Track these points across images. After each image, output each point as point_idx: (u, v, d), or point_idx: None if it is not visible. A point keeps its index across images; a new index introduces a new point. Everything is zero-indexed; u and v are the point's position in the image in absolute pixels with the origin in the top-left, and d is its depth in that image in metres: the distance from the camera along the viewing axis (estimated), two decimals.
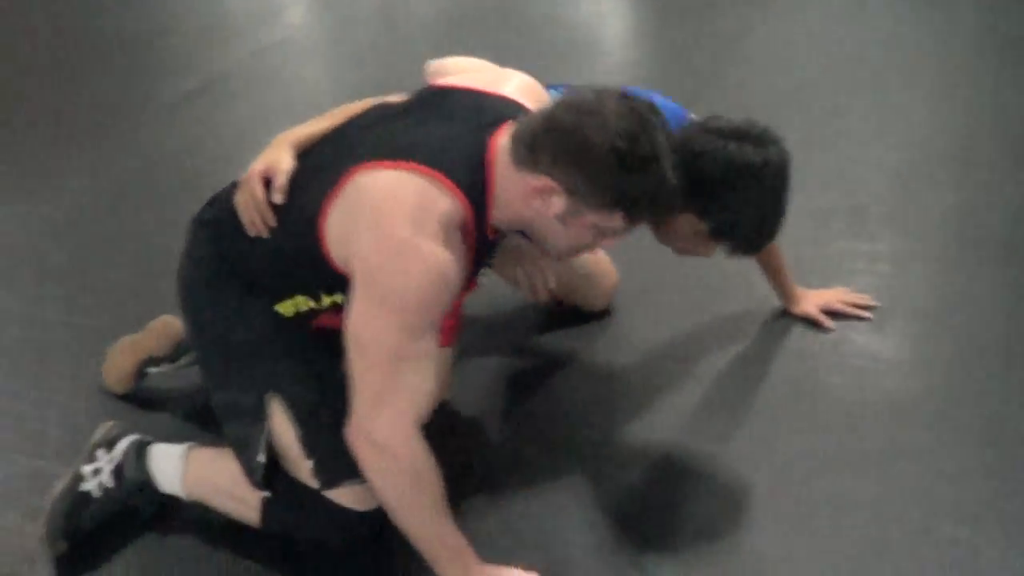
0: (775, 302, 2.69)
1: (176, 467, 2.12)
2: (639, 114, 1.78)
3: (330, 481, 1.96)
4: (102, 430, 2.23)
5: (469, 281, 2.33)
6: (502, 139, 1.88)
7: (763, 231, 2.14)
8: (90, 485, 2.12)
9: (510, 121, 1.91)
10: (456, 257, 1.81)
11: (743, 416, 2.38)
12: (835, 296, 2.67)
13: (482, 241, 1.93)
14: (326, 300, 1.98)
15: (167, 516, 2.18)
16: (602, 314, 2.78)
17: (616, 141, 1.74)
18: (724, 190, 2.05)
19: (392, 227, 1.77)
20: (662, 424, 2.38)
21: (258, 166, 1.98)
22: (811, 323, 2.63)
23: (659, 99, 2.39)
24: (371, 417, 1.79)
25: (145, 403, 2.55)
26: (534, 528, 2.12)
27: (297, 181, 1.95)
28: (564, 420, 2.44)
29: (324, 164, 1.93)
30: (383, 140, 1.92)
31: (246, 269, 2.02)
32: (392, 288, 1.77)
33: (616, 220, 1.84)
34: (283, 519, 2.04)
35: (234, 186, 2.06)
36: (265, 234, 1.96)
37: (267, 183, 1.97)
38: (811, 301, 2.65)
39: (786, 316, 2.67)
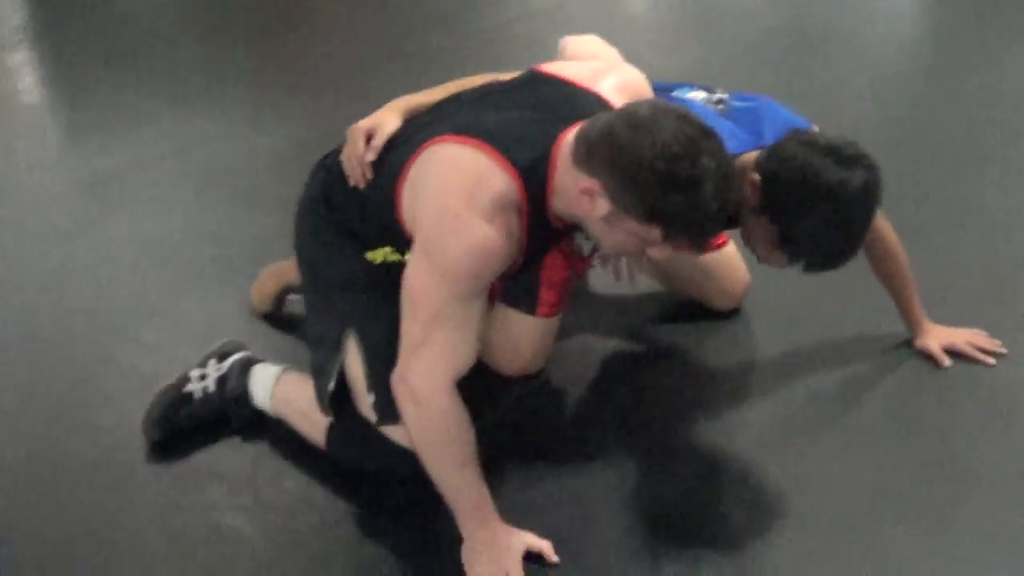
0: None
1: (268, 385, 2.35)
2: (688, 136, 1.80)
3: (386, 417, 2.11)
4: (220, 343, 2.48)
5: (580, 261, 2.43)
6: (570, 135, 1.95)
7: (827, 250, 2.12)
8: (194, 387, 2.38)
9: (586, 119, 1.97)
10: (504, 235, 1.91)
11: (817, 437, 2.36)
12: (964, 337, 2.55)
13: (542, 225, 2.02)
14: (408, 255, 2.12)
15: (253, 429, 2.39)
16: (728, 315, 2.78)
17: (658, 161, 1.78)
18: (795, 199, 2.06)
19: (449, 199, 1.91)
20: (729, 427, 2.41)
21: (364, 124, 2.14)
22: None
23: (787, 114, 2.38)
24: (409, 366, 1.95)
25: (277, 325, 2.78)
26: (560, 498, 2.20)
27: (394, 143, 2.10)
28: (645, 410, 2.49)
29: (416, 131, 2.07)
30: (468, 117, 2.05)
31: (345, 216, 2.19)
32: (441, 254, 1.91)
33: (654, 233, 1.87)
34: (343, 445, 2.23)
35: None
36: (361, 186, 2.13)
37: (369, 140, 2.13)
38: (936, 337, 2.54)
39: (905, 347, 2.59)
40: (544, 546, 2.02)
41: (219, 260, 3.12)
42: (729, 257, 2.72)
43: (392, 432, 2.12)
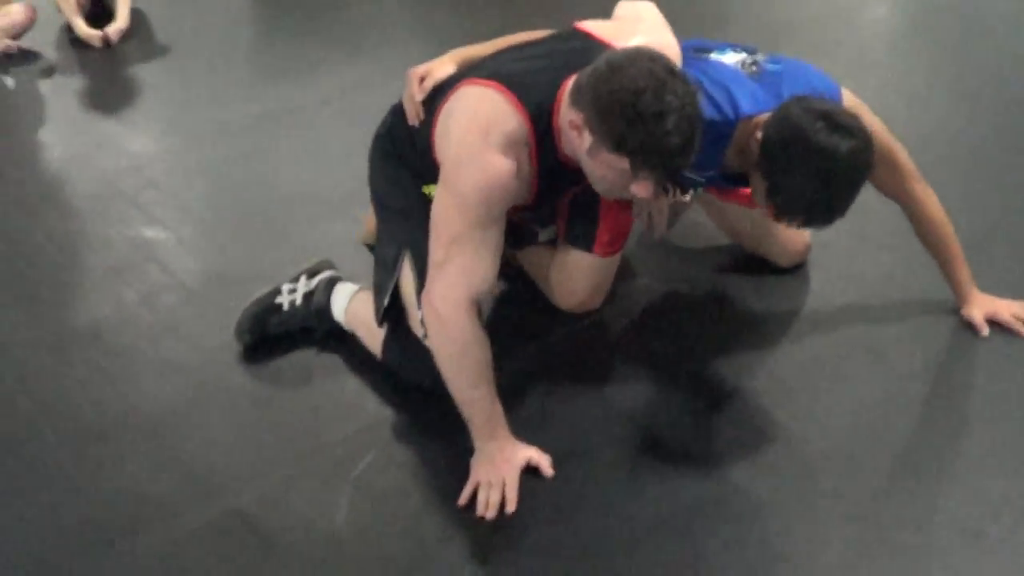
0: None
1: (343, 301, 2.64)
2: (656, 76, 1.98)
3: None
4: (313, 261, 2.79)
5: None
6: (569, 81, 2.16)
7: (808, 207, 2.24)
8: (283, 299, 2.69)
9: None
10: (514, 168, 2.16)
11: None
12: (1009, 308, 2.59)
13: (553, 164, 2.24)
14: None
15: (333, 340, 2.69)
16: (791, 271, 2.91)
17: (625, 94, 1.97)
18: (784, 156, 2.21)
19: (467, 134, 2.17)
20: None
21: (420, 68, 2.40)
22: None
23: (816, 78, 2.47)
24: (431, 287, 2.21)
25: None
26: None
27: (441, 87, 2.35)
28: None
29: (458, 77, 2.31)
30: (498, 65, 2.29)
31: (403, 151, 2.47)
32: (459, 183, 2.17)
33: (623, 164, 2.04)
34: (395, 356, 2.49)
35: None
36: (415, 124, 2.40)
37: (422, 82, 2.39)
38: (981, 306, 2.59)
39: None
40: (543, 462, 2.25)
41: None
42: None
43: None
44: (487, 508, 2.17)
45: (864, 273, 2.87)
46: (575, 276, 2.69)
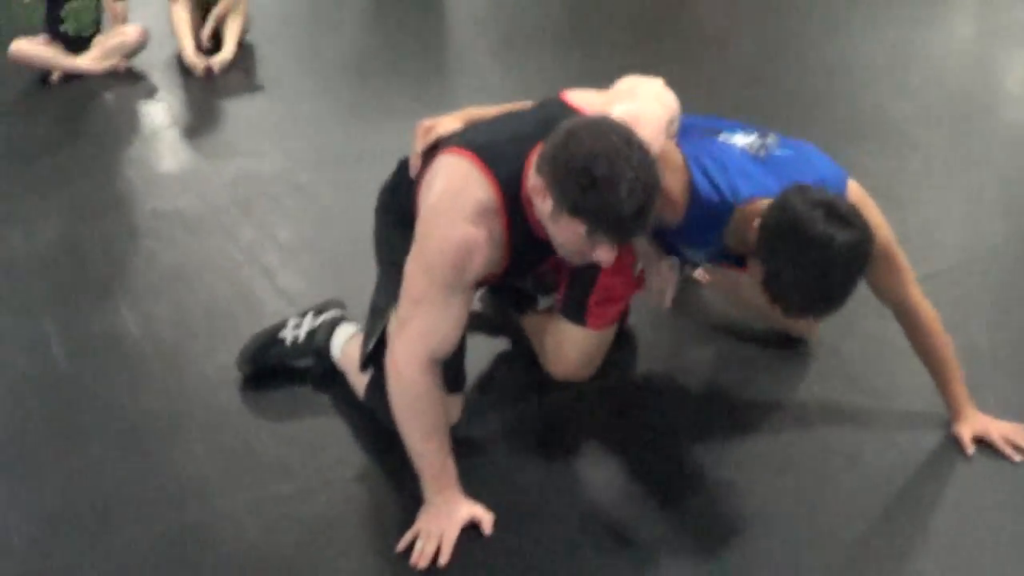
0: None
1: (341, 341, 2.71)
2: (612, 145, 2.02)
3: None
4: (322, 300, 2.86)
5: (633, 282, 2.61)
6: (536, 150, 2.19)
7: (802, 298, 2.22)
8: (287, 333, 2.78)
9: None
10: (484, 236, 2.20)
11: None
12: (1001, 430, 2.49)
13: (525, 232, 2.26)
14: None
15: (327, 381, 2.76)
16: (793, 350, 2.90)
17: (580, 160, 2.02)
18: (780, 245, 2.19)
19: (439, 202, 2.24)
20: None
21: (427, 121, 2.45)
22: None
23: (824, 167, 2.45)
24: (394, 341, 2.28)
25: None
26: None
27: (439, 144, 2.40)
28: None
29: (448, 139, 2.36)
30: (479, 133, 2.34)
31: (402, 203, 2.49)
32: (428, 247, 2.22)
33: (581, 228, 2.07)
34: (376, 399, 2.50)
35: None
36: (413, 176, 2.44)
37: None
38: (971, 425, 2.50)
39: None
40: (486, 520, 2.27)
41: None
42: None
43: None
44: (420, 557, 2.20)
45: (864, 373, 2.81)
46: (566, 346, 2.70)
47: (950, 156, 4.16)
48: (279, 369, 2.78)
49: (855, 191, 2.44)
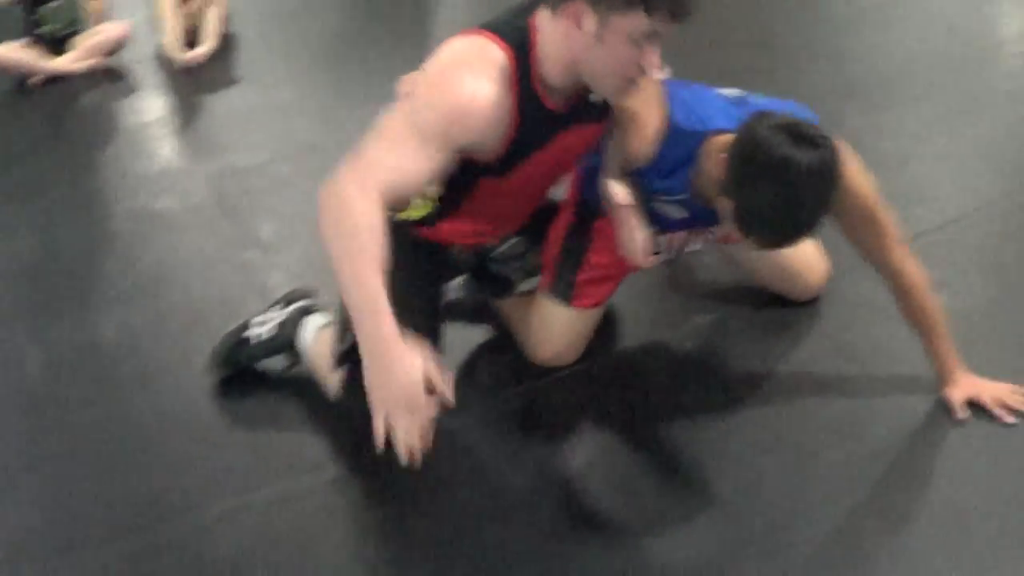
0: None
1: (311, 333, 2.63)
2: None
3: None
4: (288, 289, 2.80)
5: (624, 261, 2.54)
6: (539, 10, 2.12)
7: (773, 225, 2.16)
8: (251, 333, 2.71)
9: None
10: (490, 97, 2.05)
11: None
12: (992, 391, 2.43)
13: (534, 103, 2.15)
14: (428, 191, 2.29)
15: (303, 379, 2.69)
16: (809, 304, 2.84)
17: None
18: (745, 173, 2.14)
19: (446, 62, 2.11)
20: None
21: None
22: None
23: (807, 111, 2.40)
24: (346, 168, 2.02)
25: None
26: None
27: None
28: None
29: None
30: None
31: None
32: (423, 94, 2.08)
33: (639, 18, 1.98)
34: (352, 398, 2.36)
35: None
36: None
37: None
38: (962, 388, 2.44)
39: None
40: (439, 378, 1.99)
41: None
42: (808, 247, 2.76)
43: None
44: (409, 455, 1.95)
45: (851, 340, 2.74)
46: (551, 328, 2.64)
47: (941, 110, 4.05)
48: (252, 370, 2.73)
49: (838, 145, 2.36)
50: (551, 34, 2.09)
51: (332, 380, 2.48)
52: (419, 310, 2.30)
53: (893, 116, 3.98)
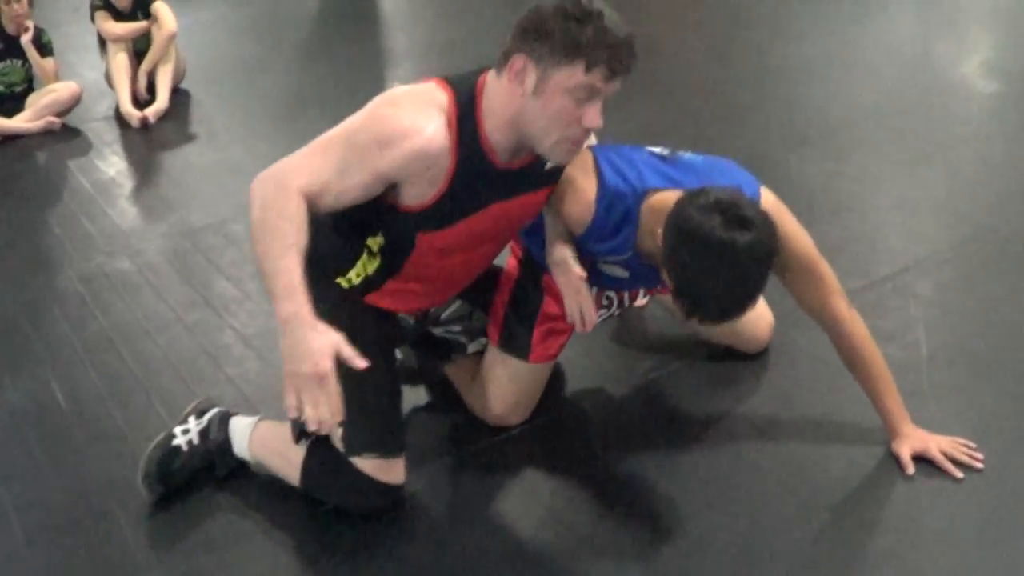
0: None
1: (246, 433, 2.52)
2: None
3: (355, 447, 2.31)
4: (194, 403, 2.68)
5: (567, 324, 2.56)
6: (488, 71, 2.18)
7: (716, 305, 2.18)
8: (180, 440, 2.52)
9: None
10: (431, 128, 2.09)
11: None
12: (941, 444, 2.42)
13: (475, 154, 2.16)
14: (373, 243, 2.30)
15: (238, 478, 2.57)
16: (758, 356, 2.86)
17: (557, 6, 2.04)
18: (684, 255, 2.14)
19: (387, 95, 2.18)
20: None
21: None
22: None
23: (735, 167, 2.44)
24: (281, 162, 2.14)
25: None
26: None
27: None
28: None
29: None
30: None
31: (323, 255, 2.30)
32: (360, 118, 2.15)
33: (579, 72, 2.03)
34: (316, 478, 2.40)
35: None
36: None
37: None
38: (910, 442, 2.43)
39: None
40: (346, 349, 2.01)
41: None
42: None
43: (361, 464, 2.31)
44: (314, 422, 1.99)
45: (801, 392, 2.74)
46: (507, 383, 2.63)
47: (893, 158, 4.12)
48: (187, 479, 2.54)
49: (768, 200, 2.39)
50: (496, 91, 2.12)
51: (291, 465, 2.42)
52: (378, 377, 2.28)
53: (844, 164, 4.04)
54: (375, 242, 2.31)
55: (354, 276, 2.35)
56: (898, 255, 3.36)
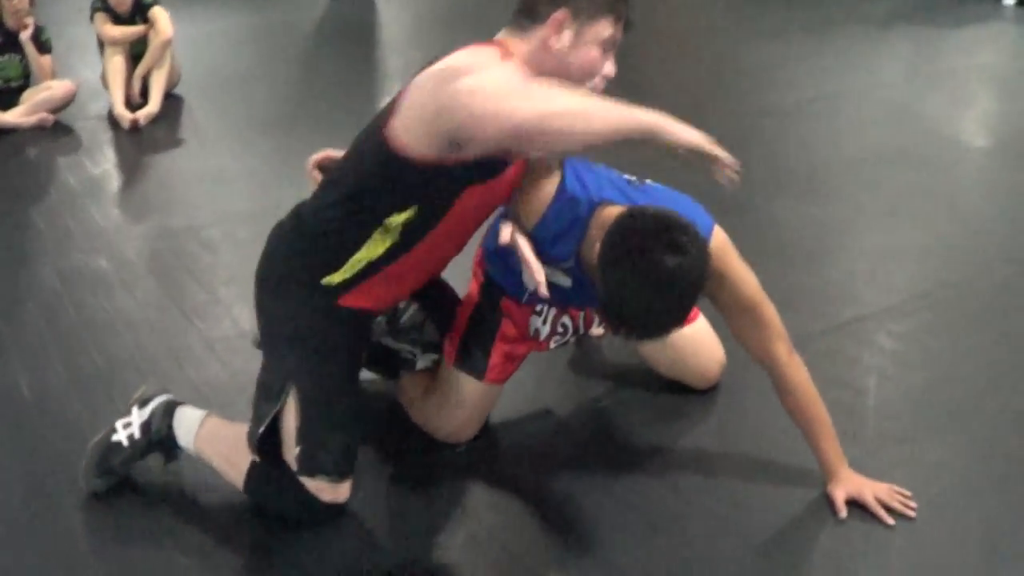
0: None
1: (192, 427, 2.53)
2: None
3: (308, 470, 2.35)
4: (140, 390, 2.69)
5: (535, 342, 2.60)
6: (504, 35, 2.30)
7: (630, 321, 2.22)
8: (120, 436, 2.53)
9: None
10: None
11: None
12: (875, 490, 2.46)
13: None
14: (396, 220, 2.27)
15: (179, 469, 2.62)
16: (707, 392, 2.91)
17: None
18: (615, 265, 2.17)
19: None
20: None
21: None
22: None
23: (692, 203, 2.49)
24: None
25: None
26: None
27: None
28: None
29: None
30: None
31: (315, 248, 2.33)
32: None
33: (611, 24, 2.26)
34: (260, 488, 2.45)
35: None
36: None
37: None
38: (845, 486, 2.46)
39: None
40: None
41: None
42: (703, 337, 2.83)
43: (309, 483, 2.35)
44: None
45: (746, 433, 2.78)
46: (460, 402, 2.67)
47: (869, 205, 4.18)
48: (130, 475, 2.59)
49: (719, 238, 2.44)
50: (522, 49, 2.26)
51: (234, 469, 2.46)
52: (347, 398, 2.37)
53: (819, 211, 4.10)
54: (399, 218, 2.28)
55: (348, 269, 2.33)
56: (861, 303, 3.41)
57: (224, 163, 4.74)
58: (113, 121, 5.20)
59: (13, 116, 5.14)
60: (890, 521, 2.41)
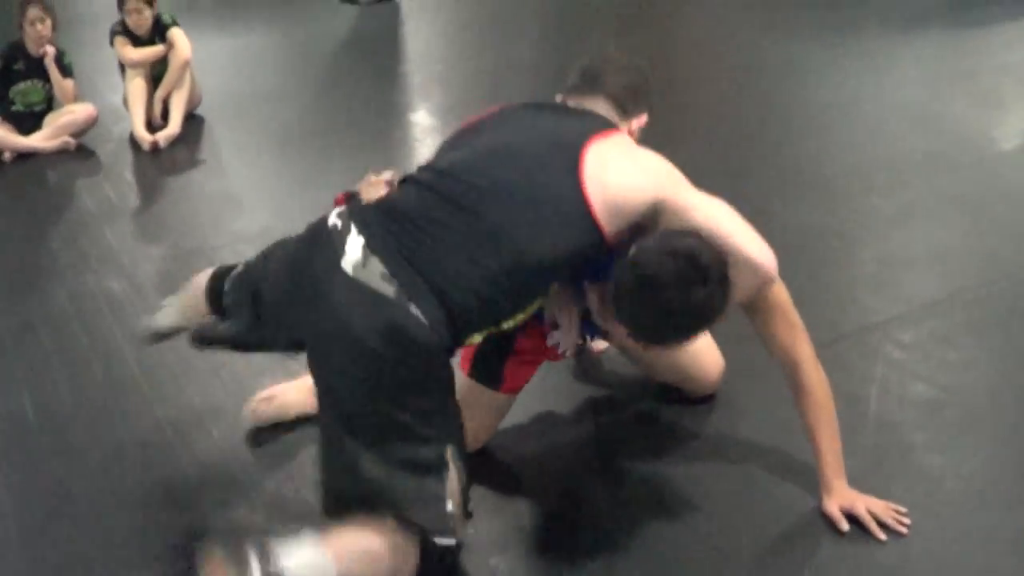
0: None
1: (318, 557, 2.08)
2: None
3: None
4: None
5: (552, 352, 2.63)
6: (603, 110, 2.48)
7: (648, 334, 2.29)
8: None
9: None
10: None
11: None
12: (868, 504, 2.42)
13: None
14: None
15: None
16: (704, 402, 2.89)
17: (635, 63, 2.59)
18: (637, 295, 2.20)
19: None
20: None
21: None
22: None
23: None
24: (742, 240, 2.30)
25: None
26: None
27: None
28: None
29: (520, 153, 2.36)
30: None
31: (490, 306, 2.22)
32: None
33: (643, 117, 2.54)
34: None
35: None
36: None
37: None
38: (839, 500, 2.44)
39: None
40: None
41: None
42: (703, 343, 2.80)
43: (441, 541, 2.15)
44: None
45: (752, 442, 2.75)
46: (474, 411, 2.63)
47: (891, 211, 4.10)
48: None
49: None
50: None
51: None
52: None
53: (832, 217, 4.05)
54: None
55: (509, 323, 2.37)
56: (869, 312, 3.36)
57: (241, 184, 4.77)
58: (135, 144, 5.26)
59: (36, 140, 5.22)
60: (882, 536, 2.39)
